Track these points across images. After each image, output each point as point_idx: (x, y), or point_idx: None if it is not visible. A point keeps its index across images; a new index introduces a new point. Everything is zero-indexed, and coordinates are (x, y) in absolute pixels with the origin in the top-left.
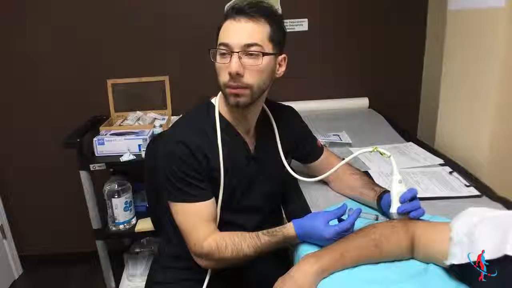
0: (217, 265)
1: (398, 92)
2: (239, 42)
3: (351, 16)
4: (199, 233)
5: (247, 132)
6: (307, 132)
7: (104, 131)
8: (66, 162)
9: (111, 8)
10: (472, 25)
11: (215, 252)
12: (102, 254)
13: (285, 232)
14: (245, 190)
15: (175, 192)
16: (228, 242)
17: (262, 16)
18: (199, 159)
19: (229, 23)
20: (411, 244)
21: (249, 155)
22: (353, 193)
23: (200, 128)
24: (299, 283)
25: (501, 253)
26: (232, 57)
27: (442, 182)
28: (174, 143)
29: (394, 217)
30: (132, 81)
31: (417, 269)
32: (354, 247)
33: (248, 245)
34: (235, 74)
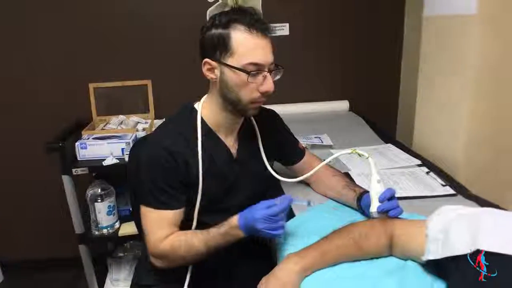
0: (172, 264)
1: (377, 95)
2: (268, 61)
3: (331, 21)
4: (156, 235)
5: (230, 136)
6: (289, 135)
7: (87, 135)
8: (48, 166)
9: (94, 11)
10: (446, 31)
11: (169, 253)
12: (85, 259)
13: (230, 221)
14: (227, 193)
15: (144, 195)
16: (182, 240)
17: (270, 30)
18: (178, 166)
19: (253, 39)
20: (390, 242)
21: (231, 159)
22: (334, 194)
23: (181, 133)
24: (283, 281)
25: (474, 248)
26: (266, 77)
27: (420, 182)
28: (154, 148)
29: (374, 216)
30: (115, 84)
31: (395, 265)
32: (335, 246)
33: (198, 239)
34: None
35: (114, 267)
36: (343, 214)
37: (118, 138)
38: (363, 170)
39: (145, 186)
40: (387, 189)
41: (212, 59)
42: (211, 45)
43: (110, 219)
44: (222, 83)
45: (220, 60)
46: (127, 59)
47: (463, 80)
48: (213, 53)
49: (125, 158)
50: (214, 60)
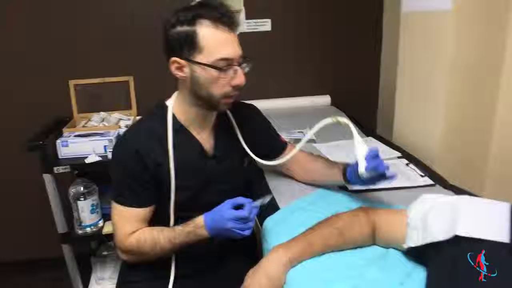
0: (139, 259)
1: (358, 89)
2: (238, 54)
3: (312, 16)
4: (122, 230)
5: (203, 132)
6: (270, 128)
7: (68, 132)
8: (28, 165)
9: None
10: (423, 27)
11: (134, 248)
12: (69, 259)
13: (196, 221)
14: (203, 189)
15: (116, 191)
16: (147, 236)
17: (236, 23)
18: (145, 165)
19: (221, 34)
20: (373, 231)
21: (205, 155)
22: (319, 176)
23: (153, 131)
24: (269, 273)
25: (452, 234)
26: (237, 71)
27: (400, 173)
28: (123, 147)
29: (365, 176)
30: (95, 81)
31: (378, 254)
32: (320, 237)
33: (164, 236)
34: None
35: (99, 266)
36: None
37: (100, 135)
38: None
39: (116, 180)
40: (370, 148)
41: (180, 57)
42: (177, 43)
43: (94, 217)
44: (193, 81)
45: (189, 58)
46: (108, 56)
47: (440, 74)
48: (180, 51)
49: (107, 156)
50: (182, 59)
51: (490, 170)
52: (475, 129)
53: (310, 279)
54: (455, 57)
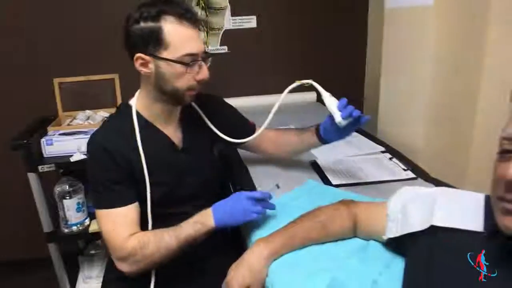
0: (141, 265)
1: (345, 86)
2: (201, 49)
3: (298, 13)
4: (119, 235)
5: (170, 127)
6: (237, 114)
7: (53, 131)
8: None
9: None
10: (406, 23)
11: (137, 250)
12: (55, 257)
13: (202, 212)
14: (177, 183)
15: (97, 198)
16: (150, 236)
17: (199, 19)
18: (119, 163)
19: (185, 30)
20: (354, 224)
21: (175, 148)
22: (293, 147)
23: (119, 130)
24: (252, 266)
25: (428, 224)
26: (201, 65)
27: (383, 167)
28: (94, 148)
29: (342, 124)
30: (80, 79)
31: (359, 246)
32: (302, 230)
33: (168, 233)
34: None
35: (86, 265)
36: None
37: (85, 134)
38: (331, 158)
39: (94, 185)
40: (340, 99)
41: (144, 53)
42: (141, 39)
43: (80, 216)
44: (158, 76)
45: (154, 54)
46: (93, 54)
47: (422, 69)
48: (145, 47)
49: None
50: (147, 55)
51: (471, 164)
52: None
53: (291, 272)
54: (437, 51)
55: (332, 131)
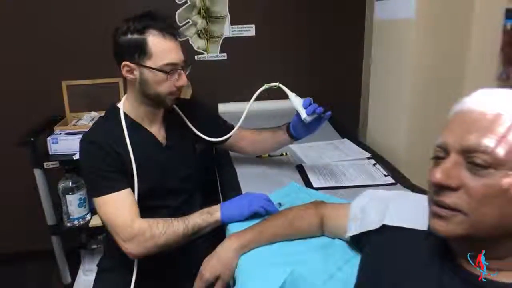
0: (147, 246)
1: (341, 93)
2: (181, 59)
3: (295, 21)
4: (125, 216)
5: (154, 125)
6: (215, 115)
7: (59, 130)
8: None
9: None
10: (391, 34)
11: (146, 230)
12: (58, 250)
13: (210, 208)
14: (162, 177)
15: (94, 187)
16: (159, 220)
17: (180, 33)
18: (110, 154)
19: (167, 43)
20: (321, 222)
21: (160, 145)
22: (269, 145)
23: (108, 128)
24: (222, 257)
25: (380, 224)
26: (180, 74)
27: (365, 172)
28: (85, 143)
29: (308, 120)
30: (87, 82)
31: (325, 243)
32: (271, 226)
33: (177, 220)
34: None
35: (87, 259)
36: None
37: None
38: (316, 162)
39: (90, 178)
40: (304, 99)
41: (130, 61)
42: (128, 49)
43: (81, 211)
44: (142, 82)
45: (139, 63)
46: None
47: (404, 80)
48: (131, 56)
49: None
50: (133, 63)
51: None
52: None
53: (257, 263)
54: (418, 63)
55: (300, 128)
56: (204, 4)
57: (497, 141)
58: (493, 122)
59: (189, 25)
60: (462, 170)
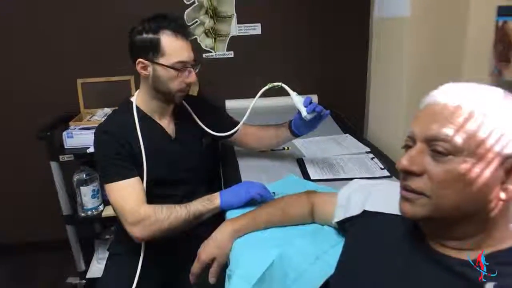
0: (152, 230)
1: (346, 89)
2: (191, 58)
3: (300, 20)
4: (132, 201)
5: (163, 119)
6: (222, 111)
7: (74, 126)
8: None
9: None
10: (388, 32)
11: (151, 214)
12: (72, 239)
13: (210, 195)
14: (169, 168)
15: (105, 174)
16: (163, 206)
17: (190, 34)
18: (121, 143)
19: (179, 42)
20: (311, 210)
21: (169, 138)
22: (272, 141)
23: (121, 120)
24: (217, 241)
25: (361, 210)
26: (190, 71)
27: (363, 166)
28: (99, 133)
29: (308, 117)
30: (100, 80)
31: (314, 229)
32: (265, 213)
33: (180, 206)
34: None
35: (101, 248)
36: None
37: None
38: (317, 156)
39: (102, 166)
40: (305, 97)
41: (145, 59)
42: (143, 47)
43: (94, 201)
44: (155, 78)
45: (153, 60)
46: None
47: (401, 76)
48: (145, 54)
49: None
50: (147, 60)
51: None
52: None
53: (249, 246)
54: (414, 60)
55: (301, 125)
56: (211, 4)
57: (455, 131)
58: (453, 114)
59: (197, 25)
60: (426, 157)
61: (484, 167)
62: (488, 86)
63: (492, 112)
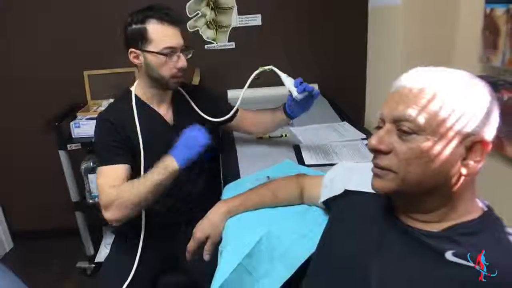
0: (120, 210)
1: (346, 79)
2: (180, 43)
3: (300, 9)
4: (107, 186)
5: (162, 106)
6: (220, 99)
7: (81, 116)
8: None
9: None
10: (382, 21)
11: (114, 196)
12: (81, 224)
13: (163, 162)
14: (167, 154)
15: (99, 159)
16: (125, 184)
17: (179, 20)
18: (118, 130)
19: (165, 29)
20: (301, 192)
21: (167, 125)
22: (269, 125)
23: (120, 108)
24: (212, 220)
25: (343, 190)
26: (180, 56)
27: (356, 151)
28: (99, 120)
29: (300, 97)
30: (106, 72)
31: (302, 209)
32: (256, 194)
33: (138, 180)
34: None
35: (108, 233)
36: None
37: None
38: (312, 142)
39: (97, 151)
40: (296, 78)
41: (135, 48)
42: (133, 37)
43: None
44: (146, 66)
45: (142, 49)
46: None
47: (393, 64)
48: (136, 43)
49: None
50: (138, 49)
51: None
52: None
53: (240, 225)
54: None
55: (294, 106)
56: None
57: (418, 111)
58: (417, 96)
59: (199, 17)
60: (393, 136)
61: (445, 144)
62: (454, 70)
63: (453, 94)
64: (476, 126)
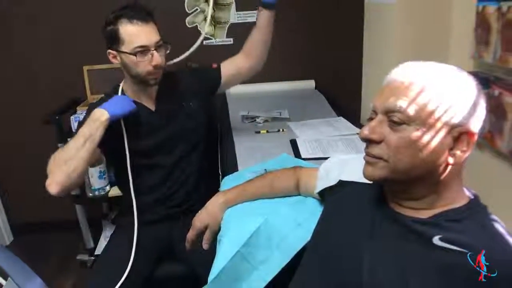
0: (53, 173)
1: (343, 74)
2: (152, 41)
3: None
4: None
5: (146, 100)
6: (202, 69)
7: (81, 110)
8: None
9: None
10: (377, 18)
11: (52, 158)
12: (81, 217)
13: (95, 111)
14: (148, 136)
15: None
16: (57, 151)
17: (151, 16)
18: None
19: (136, 28)
20: (297, 183)
21: (149, 111)
22: (259, 37)
23: None
24: (210, 210)
25: (338, 180)
26: (153, 54)
27: (351, 145)
28: (87, 110)
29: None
30: (105, 67)
31: (298, 200)
32: (253, 185)
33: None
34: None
35: (108, 227)
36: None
37: None
38: (308, 136)
39: (78, 127)
40: None
41: (112, 49)
42: (108, 38)
43: (101, 182)
44: (124, 65)
45: (117, 49)
46: None
47: (388, 61)
48: (112, 44)
49: None
50: (113, 50)
51: None
52: None
53: (238, 215)
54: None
55: None
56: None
57: (408, 103)
58: (407, 88)
59: (197, 12)
60: (385, 126)
61: (434, 134)
62: (443, 64)
63: (442, 87)
64: (463, 117)
